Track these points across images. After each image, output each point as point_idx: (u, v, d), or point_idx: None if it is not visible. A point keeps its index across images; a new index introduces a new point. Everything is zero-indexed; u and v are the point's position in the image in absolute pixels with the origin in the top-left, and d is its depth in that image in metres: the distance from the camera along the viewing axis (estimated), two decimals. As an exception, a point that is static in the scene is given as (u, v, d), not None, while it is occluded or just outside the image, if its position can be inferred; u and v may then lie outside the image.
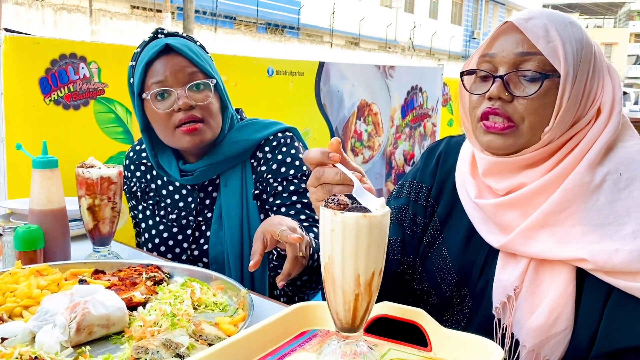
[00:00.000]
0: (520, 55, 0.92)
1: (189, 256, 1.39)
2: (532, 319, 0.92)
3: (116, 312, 0.88)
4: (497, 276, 0.97)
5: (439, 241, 1.08)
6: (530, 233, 0.93)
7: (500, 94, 0.93)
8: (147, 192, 1.49)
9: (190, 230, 1.40)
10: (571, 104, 0.91)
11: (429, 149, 1.18)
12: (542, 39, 0.90)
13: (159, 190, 1.46)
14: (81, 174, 1.22)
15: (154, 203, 1.47)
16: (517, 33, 0.93)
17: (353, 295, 0.76)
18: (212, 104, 1.34)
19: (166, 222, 1.43)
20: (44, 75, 1.81)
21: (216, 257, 1.37)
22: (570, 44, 0.91)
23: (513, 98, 0.92)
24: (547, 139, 0.93)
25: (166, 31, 1.39)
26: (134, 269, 1.12)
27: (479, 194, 1.01)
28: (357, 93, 3.03)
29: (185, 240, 1.40)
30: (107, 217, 1.25)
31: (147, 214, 1.47)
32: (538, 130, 0.93)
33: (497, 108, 0.93)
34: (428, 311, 1.09)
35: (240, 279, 1.35)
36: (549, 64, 0.90)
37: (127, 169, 1.53)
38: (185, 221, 1.41)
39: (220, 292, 1.05)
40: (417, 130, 3.49)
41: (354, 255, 0.74)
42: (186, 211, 1.42)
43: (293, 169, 1.38)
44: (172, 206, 1.44)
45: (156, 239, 1.43)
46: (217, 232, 1.37)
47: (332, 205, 0.76)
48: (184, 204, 1.43)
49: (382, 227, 0.75)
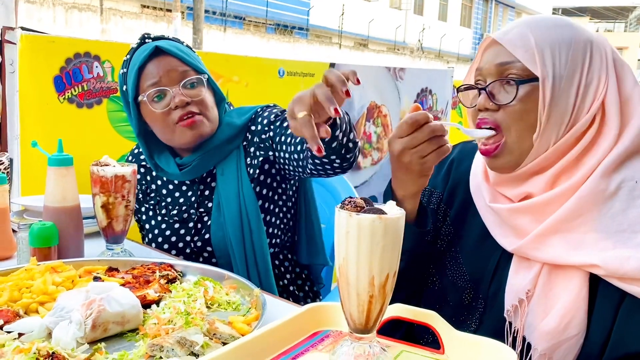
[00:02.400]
0: (501, 65, 0.94)
1: (192, 248, 1.42)
2: (544, 323, 0.93)
3: (131, 310, 0.89)
4: (510, 280, 0.98)
5: (452, 244, 1.09)
6: (543, 239, 0.94)
7: (486, 104, 0.96)
8: (147, 193, 1.52)
9: (192, 223, 1.43)
10: (559, 107, 0.91)
11: None
12: (520, 47, 0.92)
13: (159, 190, 1.50)
14: (95, 172, 1.23)
15: (155, 203, 1.50)
16: (498, 45, 0.96)
17: (367, 297, 0.77)
18: (207, 98, 1.39)
19: (168, 220, 1.46)
20: (59, 74, 1.82)
21: (218, 244, 1.39)
22: (551, 47, 0.91)
23: (499, 107, 0.95)
24: (541, 145, 0.93)
25: (153, 35, 1.43)
26: (147, 267, 1.13)
27: (493, 198, 1.03)
28: (366, 95, 3.03)
29: (188, 233, 1.43)
30: (121, 215, 1.26)
31: (150, 215, 1.50)
32: (527, 137, 0.94)
33: (486, 118, 0.96)
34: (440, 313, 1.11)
35: (244, 264, 1.37)
36: (527, 69, 0.92)
37: None
38: (187, 215, 1.44)
39: (232, 291, 1.06)
40: (427, 133, 3.49)
41: (369, 257, 0.75)
42: (187, 205, 1.45)
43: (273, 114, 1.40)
44: (173, 203, 1.47)
45: (159, 237, 1.45)
46: (217, 219, 1.40)
47: (348, 207, 0.76)
48: (184, 199, 1.46)
49: (398, 229, 0.76)
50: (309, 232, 1.52)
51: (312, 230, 1.52)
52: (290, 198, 1.50)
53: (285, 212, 1.48)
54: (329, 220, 1.87)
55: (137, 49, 1.40)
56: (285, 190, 1.48)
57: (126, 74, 1.39)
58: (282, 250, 1.50)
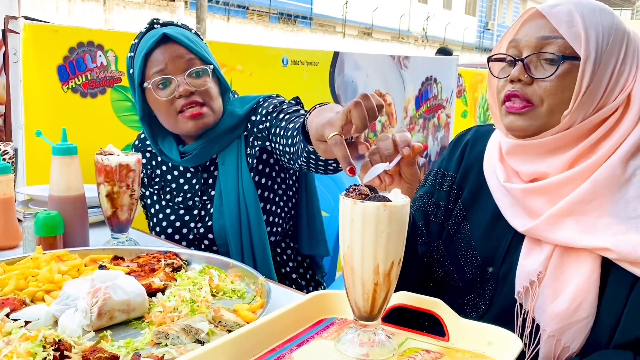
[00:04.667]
0: (542, 39, 0.94)
1: (195, 235, 1.43)
2: (555, 305, 0.93)
3: (136, 298, 0.89)
4: (521, 261, 0.98)
5: (463, 225, 1.10)
6: (555, 220, 0.94)
7: (520, 76, 0.95)
8: (152, 178, 1.53)
9: (196, 210, 1.45)
10: (593, 89, 0.92)
11: (456, 137, 1.20)
12: (565, 23, 0.92)
13: (164, 176, 1.51)
14: (100, 161, 1.23)
15: (159, 188, 1.51)
16: (541, 19, 0.95)
17: (372, 285, 0.76)
18: (211, 88, 1.39)
19: (172, 206, 1.47)
20: (62, 63, 1.82)
21: (219, 232, 1.40)
22: (595, 29, 0.92)
23: (533, 80, 0.95)
24: (567, 122, 0.93)
25: (162, 21, 1.43)
26: (152, 256, 1.13)
27: (507, 178, 1.03)
28: (371, 83, 3.02)
29: (192, 220, 1.44)
30: (126, 205, 1.26)
31: (154, 199, 1.52)
32: (557, 112, 0.94)
33: (517, 90, 0.96)
34: (449, 294, 1.11)
35: (240, 253, 1.39)
36: (569, 47, 0.92)
37: None
38: (191, 202, 1.45)
39: (237, 279, 1.06)
40: (431, 122, 3.48)
41: (374, 245, 0.75)
42: (191, 192, 1.46)
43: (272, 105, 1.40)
44: (178, 190, 1.48)
45: (164, 222, 1.46)
46: (219, 207, 1.41)
47: (353, 195, 0.76)
48: (188, 187, 1.47)
49: (402, 216, 0.76)
50: (310, 222, 1.52)
51: (314, 220, 1.52)
52: (291, 187, 1.50)
53: (285, 200, 1.48)
54: (333, 209, 1.86)
55: (145, 33, 1.40)
56: (285, 179, 1.48)
57: (133, 58, 1.39)
58: (283, 238, 1.50)
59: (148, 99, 1.39)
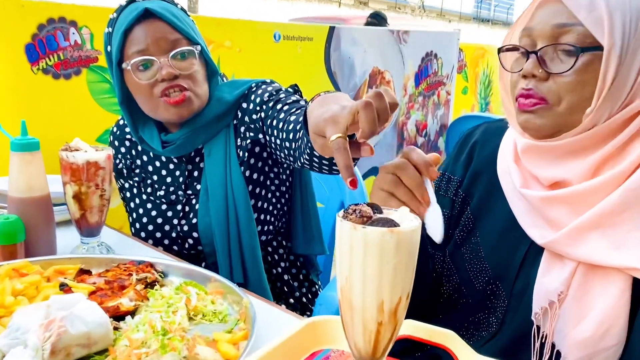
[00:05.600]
0: (558, 27, 0.81)
1: (178, 232, 1.29)
2: (578, 330, 0.82)
3: (98, 329, 0.76)
4: (540, 278, 0.86)
5: (473, 234, 0.98)
6: (580, 233, 0.82)
7: (534, 71, 0.83)
8: (132, 169, 1.39)
9: (180, 205, 1.31)
10: (619, 83, 0.79)
11: (463, 137, 1.07)
12: (585, 8, 0.79)
13: (144, 167, 1.37)
14: (65, 158, 1.09)
15: (140, 180, 1.37)
16: (557, 3, 0.82)
17: (375, 325, 0.64)
18: (198, 72, 1.24)
19: (154, 200, 1.34)
20: (31, 42, 1.66)
21: (205, 231, 1.27)
22: (621, 12, 0.78)
23: (548, 75, 0.82)
24: (589, 122, 0.81)
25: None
26: (125, 267, 1.00)
27: (524, 182, 0.90)
28: (369, 60, 2.85)
29: (175, 216, 1.31)
30: (95, 206, 1.12)
31: (134, 192, 1.38)
32: (578, 111, 0.81)
33: (530, 89, 0.84)
34: (458, 311, 0.99)
35: (227, 254, 1.25)
36: (590, 35, 0.79)
37: (112, 146, 1.43)
38: (175, 196, 1.32)
39: (219, 297, 0.93)
40: (431, 99, 3.32)
41: (378, 279, 0.62)
42: (174, 186, 1.32)
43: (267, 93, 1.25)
44: (160, 182, 1.34)
45: (144, 217, 1.33)
46: (205, 203, 1.27)
47: (353, 218, 0.62)
48: (171, 179, 1.33)
49: (412, 244, 0.63)
50: (305, 219, 1.39)
51: (309, 217, 1.39)
52: (284, 182, 1.36)
53: (278, 197, 1.34)
54: (328, 200, 1.74)
55: (125, 7, 1.23)
56: (279, 174, 1.34)
57: (111, 35, 1.23)
58: (275, 237, 1.37)
59: (127, 81, 1.24)
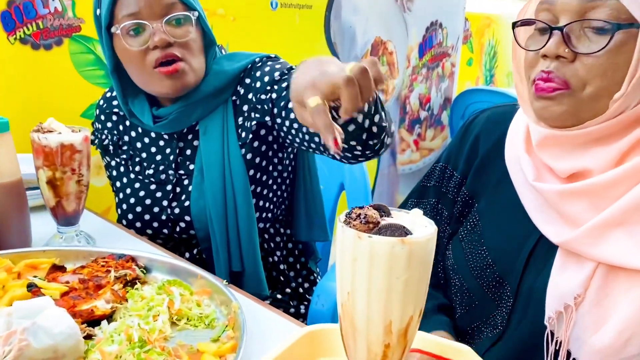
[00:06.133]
0: (587, 1, 0.70)
1: (169, 215, 1.19)
2: (597, 338, 0.74)
3: (66, 341, 0.67)
4: (554, 278, 0.78)
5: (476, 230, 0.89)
6: (601, 231, 0.74)
7: (558, 51, 0.72)
8: (120, 145, 1.28)
9: (170, 185, 1.21)
10: None
11: (465, 125, 0.98)
12: None
13: (133, 143, 1.26)
14: (37, 140, 0.99)
15: (127, 158, 1.26)
16: None
17: (381, 348, 0.55)
18: (194, 40, 1.12)
19: (142, 179, 1.23)
20: (6, 9, 1.53)
21: (199, 215, 1.17)
22: None
23: (575, 56, 0.72)
24: (617, 109, 0.71)
25: None
26: (103, 262, 0.91)
27: (537, 175, 0.81)
28: (371, 29, 2.71)
29: (165, 197, 1.20)
30: (72, 193, 1.02)
31: (121, 171, 1.27)
32: (604, 97, 0.72)
33: (551, 71, 0.73)
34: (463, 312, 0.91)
35: (225, 242, 1.16)
36: (626, 11, 0.68)
37: (98, 120, 1.31)
38: (165, 176, 1.21)
39: (206, 297, 0.84)
40: (435, 71, 3.19)
41: (385, 296, 0.52)
42: (164, 164, 1.22)
43: (278, 71, 1.15)
44: (149, 160, 1.23)
45: (131, 198, 1.23)
46: (199, 185, 1.17)
47: (357, 224, 0.52)
48: (161, 157, 1.22)
49: (426, 255, 0.53)
50: (308, 205, 1.29)
51: (313, 203, 1.29)
52: (287, 167, 1.26)
53: (280, 183, 1.24)
54: (328, 180, 1.64)
55: None
56: (282, 159, 1.23)
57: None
58: (273, 224, 1.27)
59: (116, 47, 1.13)
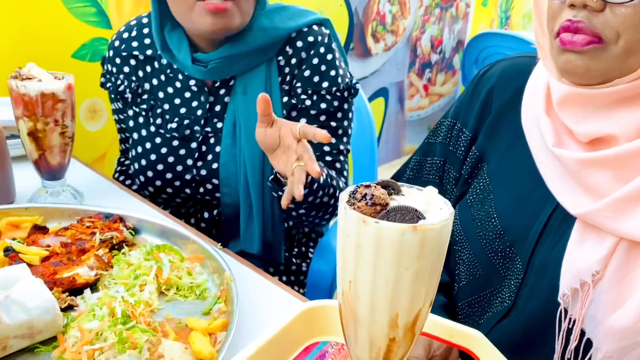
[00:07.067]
0: None
1: (194, 176, 1.10)
2: (615, 318, 0.70)
3: (43, 316, 0.62)
4: (570, 253, 0.72)
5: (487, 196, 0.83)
6: (625, 204, 0.68)
7: (586, 1, 0.65)
8: (139, 93, 1.14)
9: (195, 143, 1.09)
10: None
11: (477, 78, 0.90)
12: None
13: (154, 92, 1.13)
14: (15, 88, 0.90)
15: (148, 108, 1.13)
16: None
17: (385, 341, 0.49)
18: None
19: (164, 134, 1.11)
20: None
21: (228, 179, 1.08)
22: None
23: (605, 6, 0.65)
24: None
25: None
26: (89, 221, 0.85)
27: (557, 140, 0.74)
28: (382, -35, 2.55)
29: (190, 155, 1.10)
30: (56, 145, 0.95)
31: (140, 122, 1.14)
32: (636, 53, 0.65)
33: (579, 21, 0.66)
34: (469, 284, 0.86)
35: (261, 212, 1.08)
36: None
37: (111, 62, 1.17)
38: (189, 131, 1.09)
39: (197, 264, 0.78)
40: (449, 12, 3.02)
41: (392, 288, 0.46)
42: (190, 119, 1.10)
43: (327, 81, 1.07)
44: (172, 113, 1.11)
45: (152, 154, 1.11)
46: (229, 148, 1.07)
47: (362, 206, 0.45)
48: (187, 110, 1.10)
49: (441, 242, 0.46)
50: None
51: None
52: None
53: None
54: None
55: None
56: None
57: None
58: None
59: None
